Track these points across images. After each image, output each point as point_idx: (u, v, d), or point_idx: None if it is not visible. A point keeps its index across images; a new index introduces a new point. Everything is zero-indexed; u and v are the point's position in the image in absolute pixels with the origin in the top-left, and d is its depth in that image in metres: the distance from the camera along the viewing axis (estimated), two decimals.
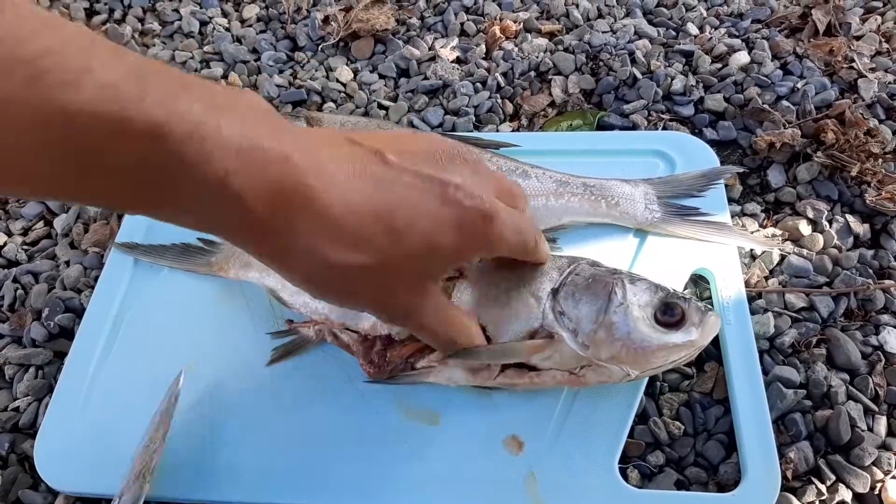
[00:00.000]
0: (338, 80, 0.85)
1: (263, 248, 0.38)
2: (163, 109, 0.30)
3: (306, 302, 0.58)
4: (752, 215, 0.67)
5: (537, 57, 0.83)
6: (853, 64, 0.77)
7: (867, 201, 0.66)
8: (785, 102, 0.74)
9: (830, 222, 0.66)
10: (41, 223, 0.76)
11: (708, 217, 0.62)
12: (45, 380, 0.63)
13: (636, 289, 0.50)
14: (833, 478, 0.52)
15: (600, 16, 0.89)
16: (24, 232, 0.76)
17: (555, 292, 0.51)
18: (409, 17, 0.91)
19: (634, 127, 0.75)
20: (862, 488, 0.52)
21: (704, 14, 0.87)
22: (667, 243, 0.62)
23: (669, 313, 0.49)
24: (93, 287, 0.66)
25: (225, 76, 0.87)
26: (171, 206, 0.34)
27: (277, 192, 0.34)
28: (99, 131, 0.29)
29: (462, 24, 0.89)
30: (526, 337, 0.50)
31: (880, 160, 0.68)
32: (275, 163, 0.34)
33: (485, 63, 0.84)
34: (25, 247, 0.74)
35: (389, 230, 0.38)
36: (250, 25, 0.94)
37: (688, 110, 0.75)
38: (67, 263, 0.71)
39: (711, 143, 0.70)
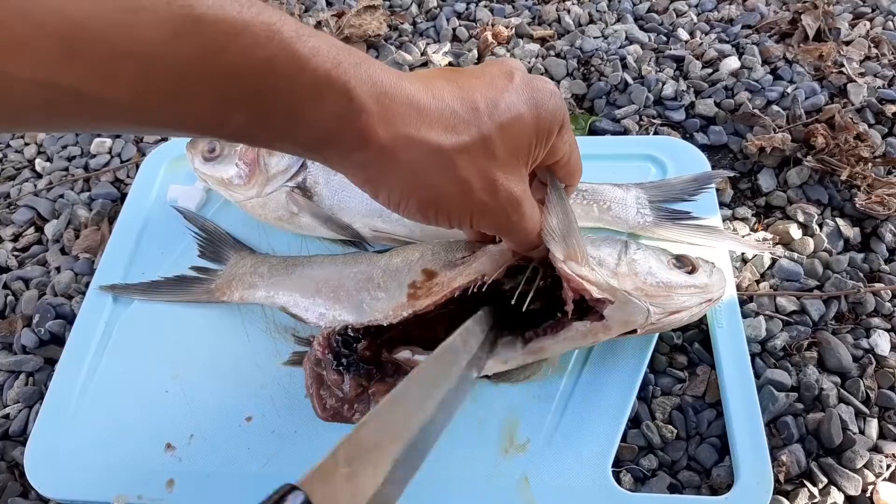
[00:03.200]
0: None
1: (369, 147, 0.38)
2: (270, 14, 0.32)
3: (322, 314, 0.57)
4: (743, 219, 0.67)
5: (529, 62, 0.83)
6: (843, 69, 0.77)
7: (857, 205, 0.66)
8: (775, 107, 0.74)
9: (821, 226, 0.66)
10: (32, 229, 0.76)
11: (699, 221, 0.62)
12: (35, 387, 0.63)
13: (647, 246, 0.54)
14: (825, 480, 0.52)
15: (592, 21, 0.89)
16: (15, 238, 0.75)
17: None
18: (402, 23, 0.91)
19: (626, 132, 0.75)
20: (854, 491, 0.52)
21: (695, 20, 0.87)
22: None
23: (682, 262, 0.53)
24: (84, 293, 0.66)
25: None
26: (282, 111, 0.35)
27: (376, 83, 0.37)
28: (222, 32, 0.31)
29: (454, 29, 0.89)
30: None
31: (870, 164, 0.68)
32: (368, 63, 0.37)
33: None
34: (16, 253, 0.74)
35: (475, 110, 0.40)
36: None
37: (679, 115, 0.76)
38: (58, 269, 0.71)
39: (702, 147, 0.71)
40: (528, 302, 0.51)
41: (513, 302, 0.51)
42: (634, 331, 0.51)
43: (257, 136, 0.36)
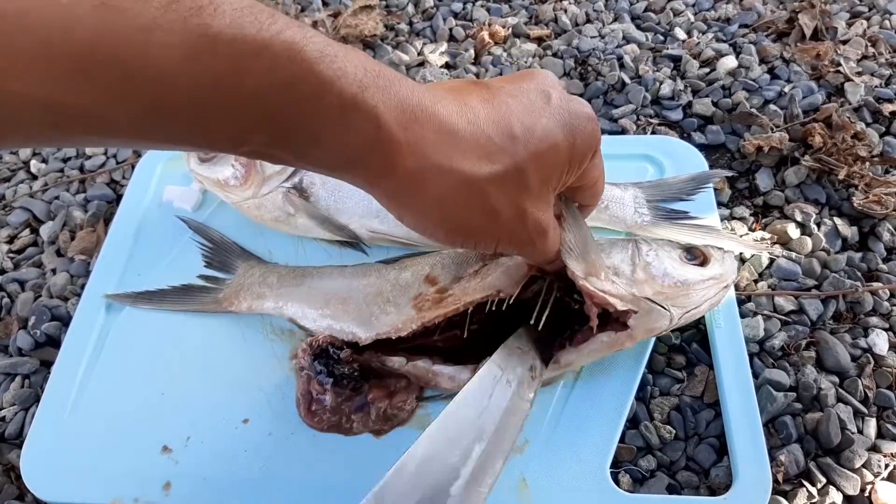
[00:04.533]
0: None
1: (395, 172, 0.36)
2: (294, 31, 0.31)
3: (331, 325, 0.57)
4: (741, 219, 0.67)
5: (526, 62, 0.83)
6: (840, 68, 0.77)
7: (855, 204, 0.66)
8: (772, 106, 0.74)
9: (819, 225, 0.66)
10: (27, 231, 0.76)
11: (697, 220, 0.62)
12: (31, 389, 0.62)
13: (655, 244, 0.54)
14: (823, 480, 0.52)
15: (588, 21, 0.89)
16: (10, 240, 0.75)
17: None
18: (398, 23, 0.91)
19: (623, 131, 0.75)
20: (852, 490, 0.52)
21: (692, 19, 0.87)
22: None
23: (693, 255, 0.53)
24: (79, 295, 0.65)
25: None
26: (308, 133, 0.33)
27: (406, 107, 0.35)
28: (239, 53, 0.29)
29: (451, 29, 0.89)
30: None
31: (867, 163, 0.68)
32: (397, 83, 0.35)
33: (474, 68, 0.84)
34: (11, 255, 0.74)
35: (511, 137, 0.39)
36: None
37: (676, 114, 0.76)
38: (54, 271, 0.71)
39: (700, 147, 0.70)
40: (541, 315, 0.51)
41: (531, 321, 0.51)
42: None
43: (277, 157, 0.35)
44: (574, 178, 0.44)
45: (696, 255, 0.53)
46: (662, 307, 0.50)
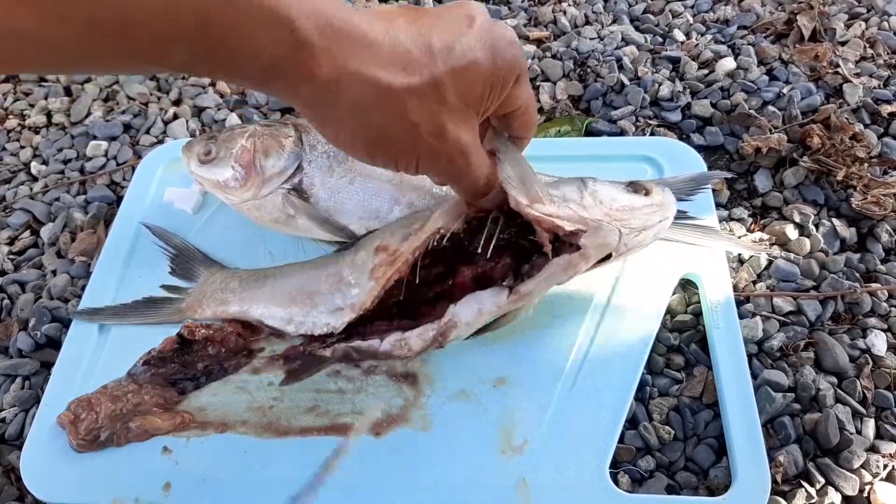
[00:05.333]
0: None
1: (315, 80, 0.37)
2: None
3: (301, 322, 0.57)
4: (740, 220, 0.67)
5: (526, 64, 0.83)
6: (838, 69, 0.77)
7: (853, 205, 0.66)
8: (771, 108, 0.75)
9: (817, 226, 0.66)
10: (27, 232, 0.76)
11: (696, 220, 0.63)
12: (31, 390, 0.62)
13: (601, 180, 0.56)
14: (822, 481, 0.52)
15: (588, 23, 0.89)
16: (11, 241, 0.75)
17: None
18: None
19: (622, 133, 0.75)
20: (851, 491, 0.52)
21: (691, 21, 0.88)
22: (655, 249, 0.62)
23: (636, 187, 0.56)
24: (80, 296, 0.66)
25: (213, 83, 0.87)
26: (222, 44, 0.34)
27: (324, 17, 0.36)
28: None
29: None
30: None
31: (866, 164, 0.68)
32: (325, 1, 0.36)
33: None
34: (12, 256, 0.74)
35: (430, 52, 0.39)
36: None
37: (675, 116, 0.76)
38: (54, 273, 0.71)
39: (699, 148, 0.71)
40: (492, 251, 0.52)
41: (478, 250, 0.52)
42: (609, 256, 0.53)
43: (201, 70, 0.36)
44: (497, 102, 0.44)
45: (639, 188, 0.56)
46: (610, 225, 0.52)
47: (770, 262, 0.64)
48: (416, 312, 0.55)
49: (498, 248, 0.52)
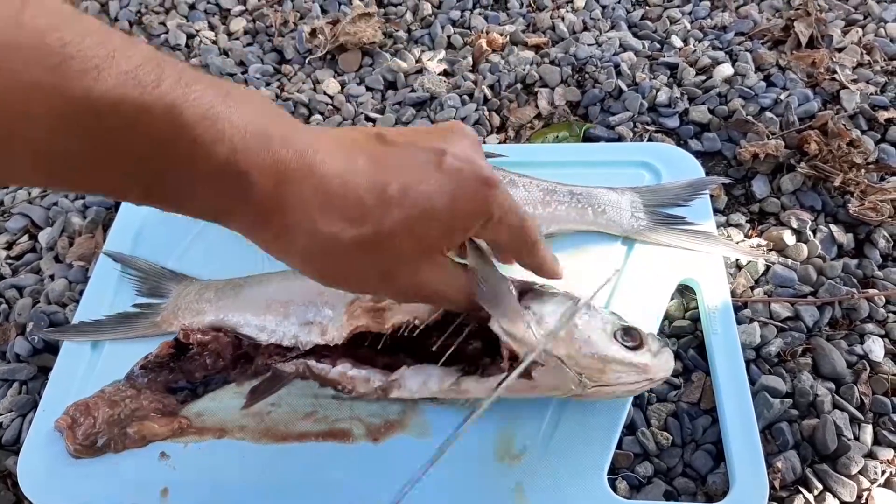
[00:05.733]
0: (325, 93, 0.85)
1: (268, 227, 0.38)
2: (179, 92, 0.32)
3: (273, 331, 0.57)
4: (737, 225, 0.68)
5: (524, 69, 0.83)
6: (835, 75, 0.78)
7: (850, 211, 0.66)
8: (768, 114, 0.75)
9: (814, 232, 0.66)
10: (26, 237, 0.76)
11: (694, 226, 0.63)
12: (28, 395, 0.62)
13: (601, 312, 0.51)
14: (820, 487, 0.52)
15: (586, 29, 0.90)
16: (9, 246, 0.75)
17: (522, 293, 0.51)
18: (397, 30, 0.92)
19: (620, 138, 0.75)
20: (849, 497, 0.52)
21: (688, 27, 0.88)
22: (653, 255, 0.62)
23: (629, 336, 0.50)
24: (78, 301, 0.66)
25: None
26: (182, 190, 0.35)
27: (280, 168, 0.35)
28: (120, 115, 0.31)
29: (449, 36, 0.89)
30: None
31: (863, 170, 0.69)
32: (279, 141, 0.35)
33: (472, 75, 0.84)
34: (10, 260, 0.74)
35: (383, 200, 0.38)
36: (237, 38, 0.94)
37: (673, 122, 0.76)
38: (52, 277, 0.71)
39: (696, 154, 0.71)
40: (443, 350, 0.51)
41: (434, 349, 0.51)
42: None
43: (160, 206, 0.36)
44: (464, 239, 0.44)
45: (633, 339, 0.50)
46: (570, 371, 0.48)
47: (768, 268, 0.64)
48: (375, 355, 0.54)
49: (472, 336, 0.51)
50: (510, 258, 0.50)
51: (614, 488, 0.52)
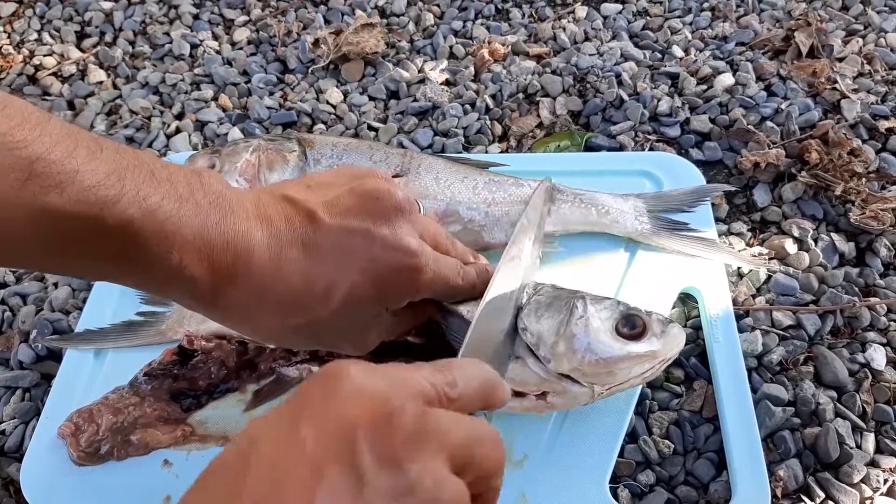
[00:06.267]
0: (328, 102, 0.85)
1: (214, 315, 0.43)
2: (135, 208, 0.35)
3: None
4: (739, 234, 0.68)
5: (525, 79, 0.84)
6: (836, 85, 0.78)
7: (852, 220, 0.66)
8: (769, 123, 0.75)
9: (816, 241, 0.66)
10: None
11: (697, 233, 0.63)
12: (31, 402, 0.62)
13: (598, 305, 0.50)
14: (822, 495, 0.52)
15: (587, 39, 0.90)
16: None
17: (518, 310, 0.50)
18: (399, 41, 0.92)
19: (621, 148, 0.76)
20: None
21: (689, 37, 0.88)
22: (655, 263, 0.62)
23: (630, 325, 0.48)
24: (81, 309, 0.66)
25: (215, 98, 0.87)
26: (140, 282, 0.40)
27: (222, 274, 0.39)
28: (79, 228, 0.34)
29: (451, 46, 0.90)
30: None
31: (864, 179, 0.69)
32: (219, 250, 0.39)
33: (473, 85, 0.85)
34: (13, 269, 0.74)
35: (313, 295, 0.42)
36: (241, 48, 0.94)
37: (674, 131, 0.76)
38: (56, 285, 0.71)
39: (697, 163, 0.71)
40: None
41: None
42: None
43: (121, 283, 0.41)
44: (401, 304, 0.46)
45: (636, 325, 0.48)
46: (580, 384, 0.48)
47: (769, 277, 0.64)
48: (376, 359, 0.55)
49: None
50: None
51: (616, 496, 0.52)
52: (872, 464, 0.54)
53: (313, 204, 0.42)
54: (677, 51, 0.86)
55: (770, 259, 0.66)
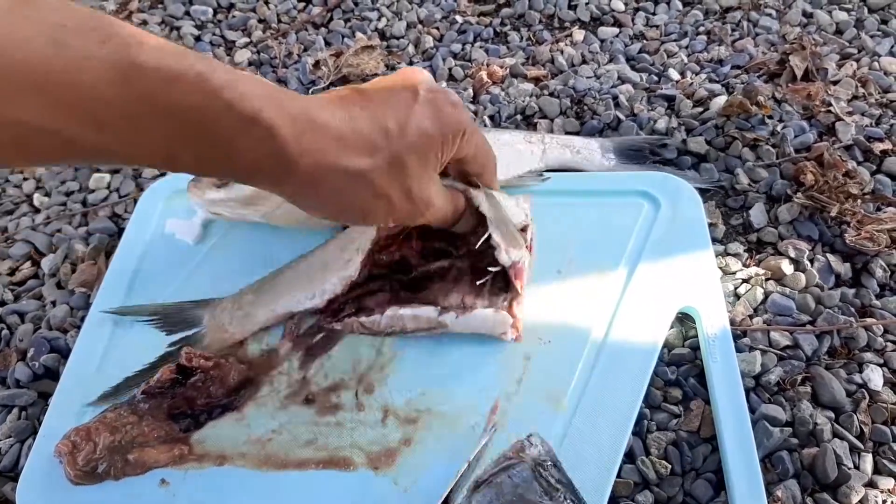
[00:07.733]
0: None
1: (296, 174, 0.43)
2: (203, 65, 0.38)
3: (321, 294, 0.61)
4: (736, 255, 0.68)
5: (523, 101, 0.85)
6: (831, 108, 0.79)
7: (847, 241, 0.67)
8: (765, 145, 0.76)
9: (812, 261, 0.67)
10: (28, 263, 0.76)
11: (661, 169, 0.72)
12: (28, 421, 0.62)
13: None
14: None
15: (584, 62, 0.91)
16: (11, 272, 0.76)
17: (476, 485, 0.47)
18: (399, 63, 0.93)
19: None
20: None
21: (685, 60, 0.89)
22: (653, 283, 0.62)
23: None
24: (79, 327, 0.66)
25: None
26: (217, 148, 0.40)
27: (298, 122, 0.42)
28: (160, 78, 0.36)
29: (450, 69, 0.91)
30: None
31: (859, 200, 0.69)
32: (290, 102, 0.42)
33: (472, 106, 0.86)
34: (12, 286, 0.74)
35: (387, 134, 0.45)
36: (242, 69, 0.95)
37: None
38: (54, 303, 0.71)
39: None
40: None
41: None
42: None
43: (203, 169, 0.43)
44: (450, 156, 0.50)
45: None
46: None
47: (766, 297, 0.64)
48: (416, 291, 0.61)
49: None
50: (476, 170, 0.57)
51: None
52: (870, 484, 0.54)
53: (353, 86, 0.48)
54: (673, 74, 0.87)
55: (766, 279, 0.66)
